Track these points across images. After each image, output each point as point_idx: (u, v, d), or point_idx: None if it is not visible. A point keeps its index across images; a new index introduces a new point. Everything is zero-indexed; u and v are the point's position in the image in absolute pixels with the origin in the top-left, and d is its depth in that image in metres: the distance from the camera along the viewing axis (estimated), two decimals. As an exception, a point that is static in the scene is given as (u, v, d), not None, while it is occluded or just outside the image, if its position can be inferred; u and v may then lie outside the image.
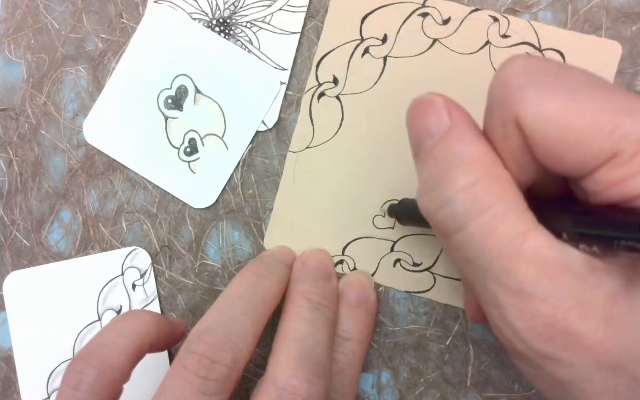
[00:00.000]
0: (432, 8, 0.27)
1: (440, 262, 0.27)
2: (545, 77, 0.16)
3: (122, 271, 0.29)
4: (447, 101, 0.18)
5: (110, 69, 0.29)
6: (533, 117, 0.16)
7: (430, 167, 0.18)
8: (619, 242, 0.15)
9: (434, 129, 0.18)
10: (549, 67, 0.17)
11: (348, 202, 0.28)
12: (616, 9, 0.27)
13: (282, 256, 0.27)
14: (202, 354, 0.21)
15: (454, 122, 0.18)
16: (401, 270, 0.28)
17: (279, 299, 0.25)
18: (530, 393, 0.27)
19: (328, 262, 0.27)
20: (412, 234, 0.28)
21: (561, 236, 0.16)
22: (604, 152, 0.15)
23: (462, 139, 0.17)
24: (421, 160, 0.19)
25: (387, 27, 0.28)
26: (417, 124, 0.19)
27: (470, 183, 0.17)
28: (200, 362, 0.21)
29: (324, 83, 0.28)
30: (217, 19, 0.29)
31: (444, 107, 0.18)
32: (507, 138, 0.17)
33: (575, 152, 0.16)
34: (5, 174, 0.30)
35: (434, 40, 0.27)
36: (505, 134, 0.17)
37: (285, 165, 0.28)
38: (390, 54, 0.28)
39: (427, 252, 0.27)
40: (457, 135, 0.17)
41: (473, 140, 0.17)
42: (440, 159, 0.18)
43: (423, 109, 0.18)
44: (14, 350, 0.29)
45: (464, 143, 0.17)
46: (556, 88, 0.16)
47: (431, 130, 0.18)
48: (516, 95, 0.16)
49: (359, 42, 0.28)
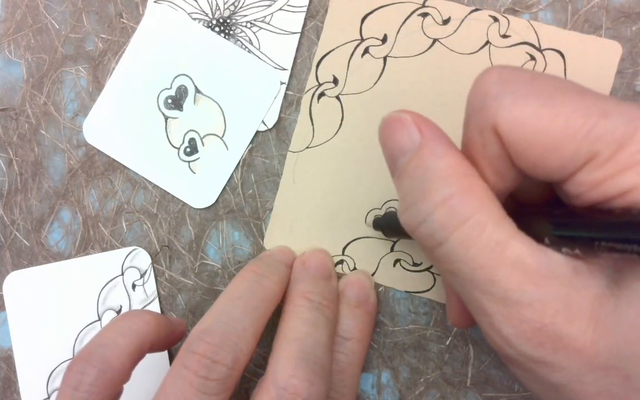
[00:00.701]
0: (432, 8, 0.27)
1: None
2: (519, 84, 0.16)
3: (122, 271, 0.29)
4: (415, 117, 0.18)
5: (110, 69, 0.29)
6: (509, 123, 0.16)
7: (406, 184, 0.18)
8: (599, 243, 0.15)
9: (406, 146, 0.18)
10: (523, 75, 0.17)
11: (348, 202, 0.28)
12: (616, 9, 0.27)
13: (282, 256, 0.27)
14: (202, 354, 0.21)
15: (424, 138, 0.18)
16: (401, 270, 0.28)
17: (279, 299, 0.25)
18: (530, 393, 0.27)
19: (328, 262, 0.27)
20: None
21: (543, 241, 0.16)
22: (581, 154, 0.15)
23: (434, 154, 0.18)
24: (397, 178, 0.19)
25: (387, 27, 0.28)
26: (389, 143, 0.19)
27: (446, 196, 0.17)
28: (200, 362, 0.21)
29: (324, 83, 0.28)
30: (217, 19, 0.29)
31: (412, 123, 0.18)
32: (486, 146, 0.17)
33: (552, 156, 0.16)
34: (5, 174, 0.30)
35: (434, 40, 0.27)
36: (483, 142, 0.17)
37: (285, 165, 0.28)
38: (390, 54, 0.28)
39: None
40: (428, 150, 0.18)
41: (445, 153, 0.17)
42: (415, 175, 0.18)
43: (393, 127, 0.19)
44: (14, 350, 0.29)
45: (437, 157, 0.17)
46: (530, 94, 0.16)
47: (403, 148, 0.18)
48: (492, 103, 0.16)
49: (359, 42, 0.28)
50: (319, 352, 0.22)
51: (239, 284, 0.24)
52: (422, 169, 0.18)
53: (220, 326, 0.22)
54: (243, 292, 0.24)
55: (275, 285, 0.25)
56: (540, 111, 0.16)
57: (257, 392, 0.21)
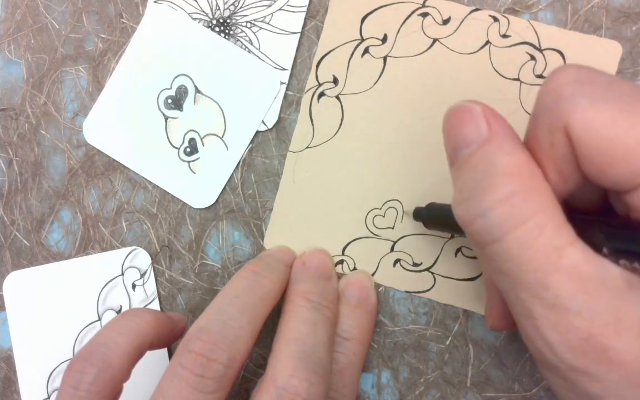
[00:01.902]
0: (432, 8, 0.27)
1: (440, 262, 0.27)
2: (596, 88, 0.16)
3: (122, 271, 0.29)
4: (485, 109, 0.18)
5: (110, 69, 0.29)
6: (582, 126, 0.16)
7: (467, 177, 0.18)
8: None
9: (472, 138, 0.18)
10: (601, 78, 0.16)
11: (348, 202, 0.28)
12: (616, 9, 0.27)
13: (281, 255, 0.27)
14: (198, 352, 0.21)
15: (492, 132, 0.17)
16: (401, 270, 0.28)
17: (277, 298, 0.25)
18: (530, 393, 0.27)
19: (328, 262, 0.27)
20: (412, 234, 0.28)
21: (601, 251, 0.16)
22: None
23: (501, 149, 0.17)
24: (458, 169, 0.18)
25: (387, 27, 0.28)
26: (454, 132, 0.18)
27: (508, 194, 0.16)
28: (196, 360, 0.21)
29: (323, 83, 0.28)
30: (217, 19, 0.29)
31: (482, 115, 0.18)
32: (554, 146, 0.17)
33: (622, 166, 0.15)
34: (5, 174, 0.30)
35: (434, 40, 0.27)
36: (551, 141, 0.17)
37: (285, 165, 0.28)
38: (390, 53, 0.28)
39: (427, 252, 0.27)
40: (496, 145, 0.17)
41: (512, 150, 0.17)
42: (478, 168, 0.17)
43: (460, 117, 0.18)
44: (14, 350, 0.29)
45: (503, 153, 0.17)
46: (607, 99, 0.16)
47: (468, 139, 0.18)
48: (567, 103, 0.16)
49: (358, 42, 0.28)
50: (319, 352, 0.22)
51: (237, 282, 0.24)
52: (486, 163, 0.17)
53: (217, 325, 0.22)
54: (241, 291, 0.24)
55: (274, 284, 0.25)
56: (617, 117, 0.15)
57: (257, 392, 0.21)
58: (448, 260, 0.27)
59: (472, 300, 0.27)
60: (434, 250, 0.27)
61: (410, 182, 0.27)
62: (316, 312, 0.24)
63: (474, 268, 0.27)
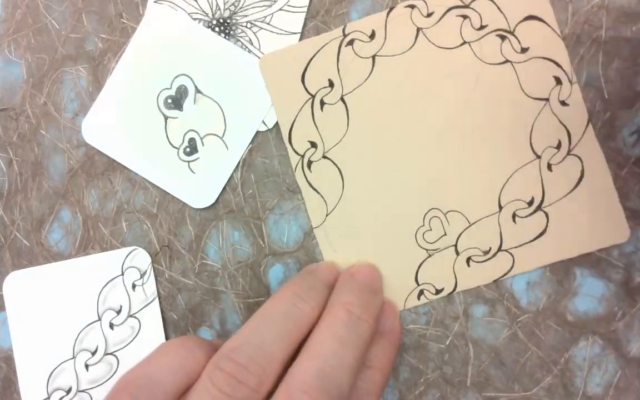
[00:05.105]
0: (355, 34, 0.27)
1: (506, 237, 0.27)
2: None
3: (122, 271, 0.29)
4: None
5: (110, 69, 0.29)
6: None
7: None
8: None
9: None
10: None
11: (393, 237, 0.27)
12: (616, 9, 0.27)
13: (327, 274, 0.26)
14: (229, 372, 0.21)
15: None
16: (476, 265, 0.27)
17: (314, 322, 0.24)
18: (530, 393, 0.27)
19: (377, 277, 0.27)
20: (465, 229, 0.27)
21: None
22: None
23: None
24: None
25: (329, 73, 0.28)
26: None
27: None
28: (226, 380, 0.21)
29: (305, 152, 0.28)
30: (217, 19, 0.29)
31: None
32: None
33: None
34: (5, 174, 0.30)
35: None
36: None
37: (318, 241, 0.28)
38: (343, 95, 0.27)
39: (490, 236, 0.27)
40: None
41: None
42: None
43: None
44: (14, 350, 0.29)
45: None
46: None
47: None
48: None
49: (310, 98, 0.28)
50: (339, 375, 0.22)
51: (276, 304, 0.24)
52: None
53: (250, 348, 0.22)
54: (279, 316, 0.23)
55: (314, 310, 0.24)
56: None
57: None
58: (510, 230, 0.27)
59: (560, 247, 0.26)
60: (493, 230, 0.27)
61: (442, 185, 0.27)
62: (352, 329, 0.23)
63: (538, 223, 0.27)
